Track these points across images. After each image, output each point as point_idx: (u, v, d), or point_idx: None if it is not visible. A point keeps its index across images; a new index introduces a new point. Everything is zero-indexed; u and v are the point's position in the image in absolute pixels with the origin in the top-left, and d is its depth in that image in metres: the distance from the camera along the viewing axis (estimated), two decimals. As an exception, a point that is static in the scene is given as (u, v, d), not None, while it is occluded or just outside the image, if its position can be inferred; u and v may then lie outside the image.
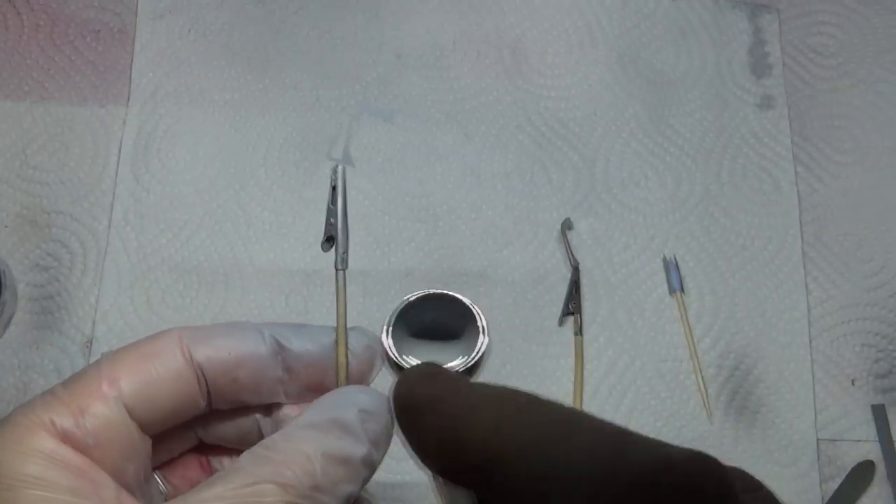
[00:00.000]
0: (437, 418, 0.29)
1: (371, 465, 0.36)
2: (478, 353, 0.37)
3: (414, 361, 0.37)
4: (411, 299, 0.37)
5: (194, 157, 0.76)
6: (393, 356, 0.36)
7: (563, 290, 0.74)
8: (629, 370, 0.73)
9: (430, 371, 0.32)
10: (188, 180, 0.76)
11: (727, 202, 0.78)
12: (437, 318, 0.38)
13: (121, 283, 0.72)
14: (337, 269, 0.41)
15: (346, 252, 0.41)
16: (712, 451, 0.28)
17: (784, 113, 0.81)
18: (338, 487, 0.34)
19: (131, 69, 0.79)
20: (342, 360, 0.39)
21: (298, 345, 0.38)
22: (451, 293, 0.38)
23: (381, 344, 0.42)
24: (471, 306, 0.37)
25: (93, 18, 0.80)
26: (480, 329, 0.37)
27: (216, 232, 0.74)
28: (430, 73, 0.81)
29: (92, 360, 0.70)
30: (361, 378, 0.41)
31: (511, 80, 0.81)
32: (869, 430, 0.72)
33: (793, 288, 0.76)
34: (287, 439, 0.34)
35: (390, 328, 0.37)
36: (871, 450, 0.72)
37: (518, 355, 0.72)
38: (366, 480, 0.36)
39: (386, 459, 0.36)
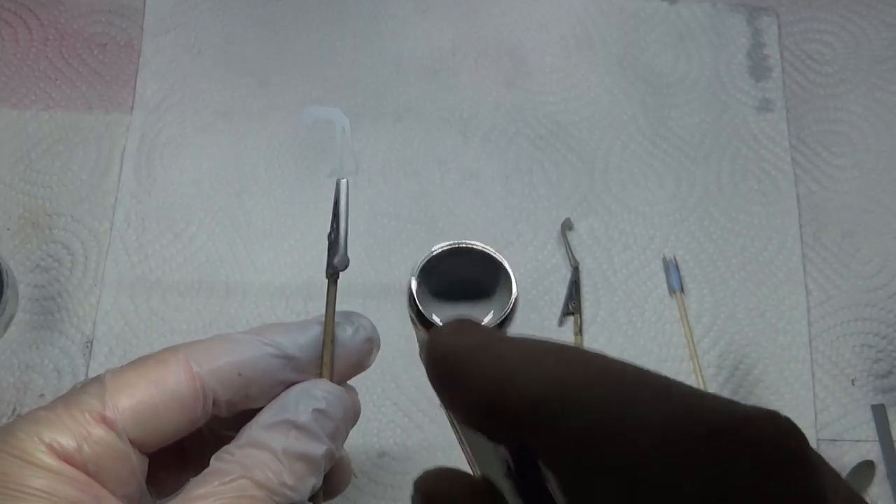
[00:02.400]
0: (476, 366, 0.26)
1: (331, 457, 0.39)
2: (510, 306, 0.36)
3: (438, 319, 0.37)
4: (437, 252, 0.38)
5: (196, 161, 0.77)
6: (420, 311, 0.36)
7: (563, 290, 0.74)
8: (629, 370, 0.73)
9: (467, 324, 0.30)
10: (190, 183, 0.76)
11: (727, 203, 0.78)
12: (463, 274, 0.38)
13: (121, 283, 0.72)
14: (328, 278, 0.43)
15: (336, 259, 0.43)
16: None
17: (783, 116, 0.81)
18: (303, 481, 0.37)
19: (136, 79, 0.80)
20: (327, 358, 0.41)
21: (300, 344, 0.41)
22: (479, 245, 0.37)
23: (377, 332, 0.44)
24: (500, 259, 0.37)
25: (100, 33, 0.81)
26: (512, 281, 0.37)
27: (217, 234, 0.75)
28: (430, 80, 0.82)
29: (92, 361, 0.70)
30: (358, 369, 0.43)
31: (510, 84, 0.82)
32: (869, 430, 0.72)
33: (792, 288, 0.76)
34: (251, 442, 0.37)
35: (415, 280, 0.37)
36: (871, 450, 0.71)
37: (517, 355, 0.72)
38: (327, 468, 0.39)
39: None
